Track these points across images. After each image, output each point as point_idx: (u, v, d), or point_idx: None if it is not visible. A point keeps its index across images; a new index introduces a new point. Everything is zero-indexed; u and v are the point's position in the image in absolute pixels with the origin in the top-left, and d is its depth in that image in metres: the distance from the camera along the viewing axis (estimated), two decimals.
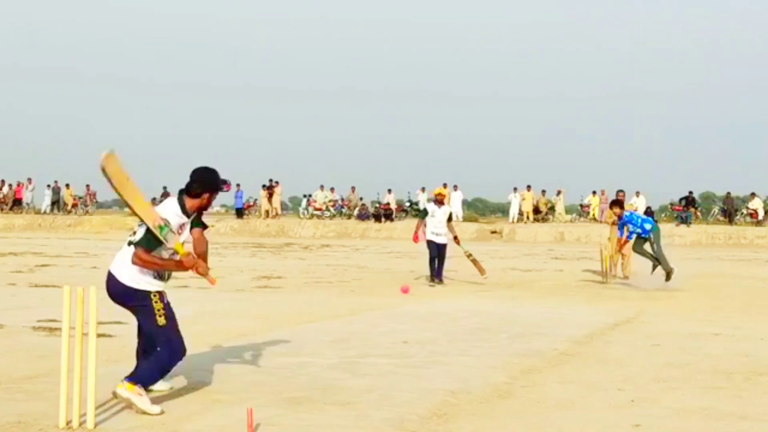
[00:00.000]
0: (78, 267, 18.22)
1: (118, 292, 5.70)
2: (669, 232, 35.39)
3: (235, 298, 12.39)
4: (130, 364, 6.88)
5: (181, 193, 5.87)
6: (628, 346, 8.52)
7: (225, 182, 5.98)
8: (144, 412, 5.33)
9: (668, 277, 15.01)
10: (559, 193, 40.81)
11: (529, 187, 40.17)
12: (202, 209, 5.95)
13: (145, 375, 5.58)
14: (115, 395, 5.45)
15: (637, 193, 39.78)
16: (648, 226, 15.54)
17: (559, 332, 9.37)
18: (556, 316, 10.87)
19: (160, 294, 5.74)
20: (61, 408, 4.95)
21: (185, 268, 5.76)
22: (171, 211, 5.77)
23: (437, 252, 15.50)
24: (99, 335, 5.38)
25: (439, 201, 15.84)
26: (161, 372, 5.71)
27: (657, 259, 15.32)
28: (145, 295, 5.68)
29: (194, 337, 8.51)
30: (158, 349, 5.67)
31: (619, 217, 15.91)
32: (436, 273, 15.51)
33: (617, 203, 16.43)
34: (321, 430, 5.07)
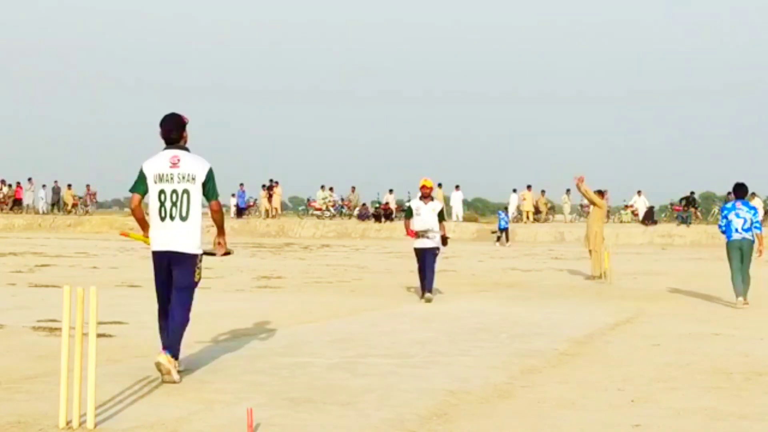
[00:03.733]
0: (78, 267, 18.21)
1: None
2: (669, 232, 35.43)
3: (235, 298, 12.38)
4: (130, 364, 6.90)
5: (177, 146, 6.46)
6: (628, 346, 8.52)
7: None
8: (172, 382, 6.08)
9: None
10: (568, 191, 40.94)
11: (529, 186, 40.23)
12: None
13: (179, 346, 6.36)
14: (158, 366, 6.10)
15: (639, 193, 39.88)
16: None
17: (559, 332, 9.37)
18: (556, 316, 10.87)
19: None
20: (61, 408, 4.95)
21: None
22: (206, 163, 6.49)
23: (424, 259, 12.66)
24: (99, 335, 5.38)
25: (425, 195, 12.85)
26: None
27: None
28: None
29: (194, 336, 8.53)
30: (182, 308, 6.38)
31: None
32: (426, 284, 12.64)
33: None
34: (321, 430, 5.07)
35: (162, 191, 6.32)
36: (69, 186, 44.75)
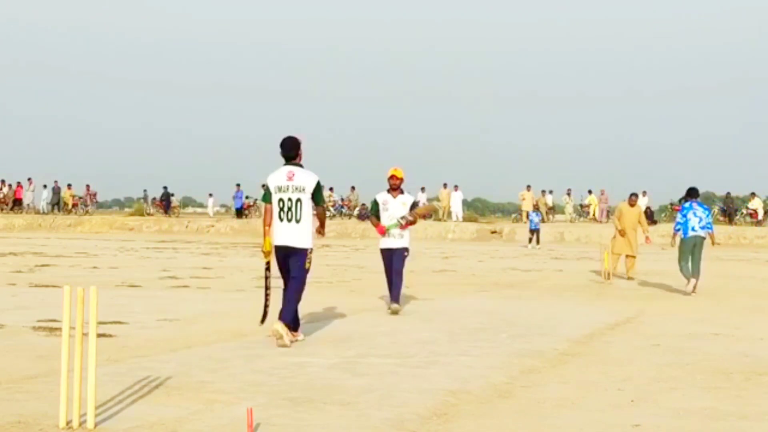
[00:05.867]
0: (78, 267, 18.21)
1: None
2: (669, 232, 35.41)
3: (235, 298, 12.37)
4: (130, 364, 6.91)
5: (294, 162, 8.22)
6: (628, 346, 8.52)
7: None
8: (284, 346, 7.80)
9: None
10: (569, 192, 41.00)
11: (529, 187, 40.27)
12: None
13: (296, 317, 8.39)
14: (274, 332, 7.91)
15: (644, 193, 39.98)
16: None
17: (559, 332, 9.37)
18: (556, 316, 10.87)
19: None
20: (61, 408, 4.95)
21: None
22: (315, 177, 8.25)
23: (390, 262, 10.97)
24: (99, 335, 5.37)
25: (393, 187, 11.08)
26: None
27: None
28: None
29: (194, 336, 8.54)
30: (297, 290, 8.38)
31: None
32: (393, 292, 10.97)
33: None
34: (321, 430, 5.06)
35: (281, 199, 8.18)
36: (69, 186, 44.77)
